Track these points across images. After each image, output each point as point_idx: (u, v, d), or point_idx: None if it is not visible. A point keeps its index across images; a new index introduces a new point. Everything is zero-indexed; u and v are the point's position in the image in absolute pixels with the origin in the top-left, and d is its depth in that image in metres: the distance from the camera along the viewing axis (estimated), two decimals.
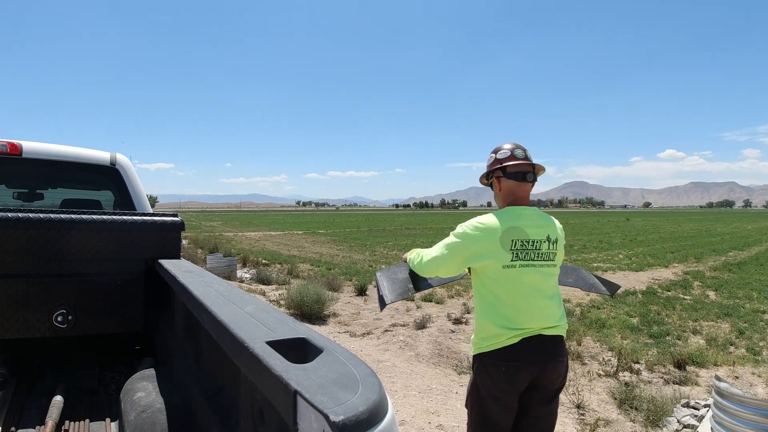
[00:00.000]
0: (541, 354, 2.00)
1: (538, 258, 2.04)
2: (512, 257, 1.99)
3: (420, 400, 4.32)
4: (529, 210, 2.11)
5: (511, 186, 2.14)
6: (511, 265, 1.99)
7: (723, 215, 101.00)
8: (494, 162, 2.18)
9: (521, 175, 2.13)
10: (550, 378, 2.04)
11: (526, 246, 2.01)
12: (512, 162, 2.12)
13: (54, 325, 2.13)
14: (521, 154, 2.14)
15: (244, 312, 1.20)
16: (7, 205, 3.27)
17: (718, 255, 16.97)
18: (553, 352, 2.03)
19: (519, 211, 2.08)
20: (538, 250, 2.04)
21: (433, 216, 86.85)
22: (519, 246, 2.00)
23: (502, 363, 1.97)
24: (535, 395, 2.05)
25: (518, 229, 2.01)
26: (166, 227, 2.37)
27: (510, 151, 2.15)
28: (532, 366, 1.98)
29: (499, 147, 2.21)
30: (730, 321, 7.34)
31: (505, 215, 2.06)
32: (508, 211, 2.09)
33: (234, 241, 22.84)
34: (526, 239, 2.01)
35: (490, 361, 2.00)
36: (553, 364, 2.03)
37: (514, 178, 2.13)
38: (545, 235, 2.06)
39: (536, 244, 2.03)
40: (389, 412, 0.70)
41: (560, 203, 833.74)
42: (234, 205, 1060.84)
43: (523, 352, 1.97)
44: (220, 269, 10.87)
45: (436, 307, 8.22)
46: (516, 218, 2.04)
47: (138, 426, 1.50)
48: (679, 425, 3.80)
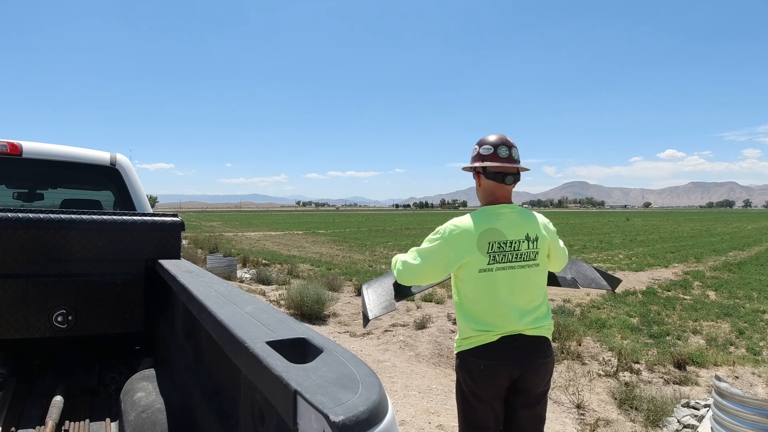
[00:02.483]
0: (523, 354, 1.94)
1: (516, 259, 1.96)
2: (489, 260, 1.93)
3: (420, 400, 4.32)
4: (508, 208, 2.03)
5: (491, 186, 2.06)
6: (487, 269, 1.93)
7: (723, 215, 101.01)
8: (476, 157, 2.08)
9: (501, 176, 2.03)
10: (533, 381, 1.97)
11: (504, 247, 1.94)
12: (493, 164, 2.02)
13: (54, 325, 2.13)
14: (505, 153, 2.02)
15: (244, 312, 1.20)
16: (7, 205, 3.27)
17: (718, 255, 16.97)
18: (534, 354, 1.96)
19: (496, 210, 2.01)
20: (517, 251, 1.97)
21: (433, 216, 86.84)
22: (496, 248, 1.93)
23: (480, 361, 1.94)
24: (519, 398, 2.00)
25: (495, 230, 1.94)
26: (166, 227, 2.36)
27: (493, 148, 2.03)
28: (511, 366, 1.93)
29: (483, 139, 2.08)
30: (730, 321, 7.34)
31: (482, 216, 1.99)
32: (485, 212, 2.02)
33: (234, 241, 22.84)
34: (503, 240, 1.94)
35: (470, 359, 1.97)
36: (535, 366, 1.96)
37: (494, 179, 2.04)
38: (524, 234, 1.99)
39: (515, 245, 1.96)
40: (389, 412, 0.70)
41: (560, 203, 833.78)
42: (234, 206, 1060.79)
43: (503, 351, 1.92)
44: (220, 269, 10.87)
45: (436, 307, 8.22)
46: (493, 219, 1.98)
47: (138, 426, 1.50)
48: (679, 425, 3.80)
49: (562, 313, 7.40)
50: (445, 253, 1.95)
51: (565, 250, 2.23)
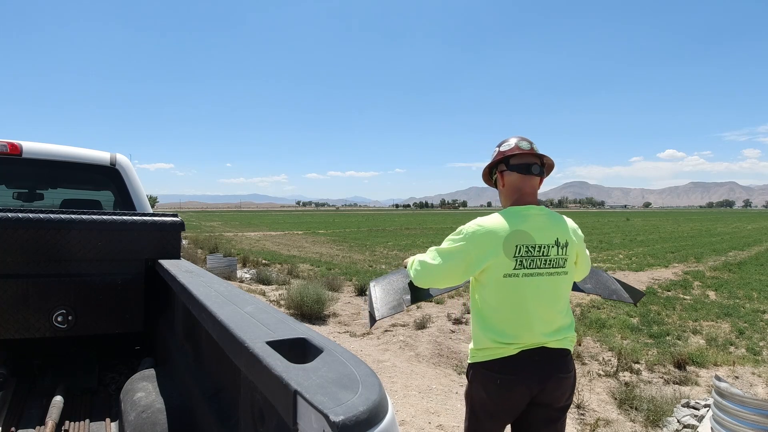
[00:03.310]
0: (543, 368, 1.80)
1: (545, 265, 1.82)
2: (515, 265, 1.78)
3: (420, 400, 4.32)
4: (536, 210, 1.88)
5: (515, 180, 1.93)
6: (513, 274, 1.78)
7: (723, 215, 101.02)
8: (497, 155, 2.00)
9: (525, 167, 1.91)
10: (553, 396, 1.83)
11: (532, 252, 1.80)
12: (516, 152, 1.92)
13: (54, 325, 2.13)
14: (526, 145, 1.94)
15: (243, 312, 1.20)
16: (7, 205, 3.27)
17: (718, 255, 16.97)
18: (557, 367, 1.83)
19: (525, 211, 1.87)
20: (546, 257, 1.82)
21: (433, 216, 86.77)
22: (524, 252, 1.79)
23: (497, 375, 1.79)
24: (538, 414, 1.86)
25: (523, 232, 1.80)
26: (166, 227, 2.37)
27: (514, 143, 1.95)
28: (532, 381, 1.79)
29: (503, 141, 2.02)
30: (730, 321, 7.34)
31: (509, 216, 1.84)
32: (513, 212, 1.87)
33: (234, 241, 22.84)
34: (532, 244, 1.80)
35: (485, 371, 1.82)
36: (556, 380, 1.82)
37: (518, 170, 1.92)
38: (554, 238, 1.84)
39: (544, 250, 1.81)
40: (389, 412, 0.70)
41: (560, 203, 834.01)
42: (234, 206, 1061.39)
43: (522, 366, 1.78)
44: (220, 269, 10.87)
45: (437, 307, 8.22)
46: (521, 220, 1.83)
47: (138, 426, 1.50)
48: (679, 425, 3.80)
49: None
50: (467, 254, 1.80)
51: (589, 258, 2.12)
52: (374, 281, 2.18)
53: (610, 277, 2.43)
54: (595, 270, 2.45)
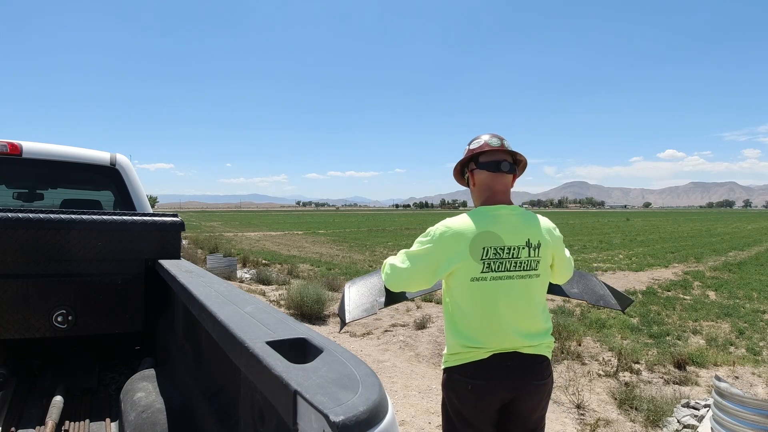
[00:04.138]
0: (516, 375, 1.74)
1: (515, 267, 1.74)
2: (482, 268, 1.71)
3: (420, 400, 4.32)
4: (508, 209, 1.81)
5: (486, 178, 1.86)
6: (480, 278, 1.72)
7: (723, 215, 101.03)
8: (467, 153, 1.93)
9: (495, 164, 1.84)
10: (527, 404, 1.78)
11: (501, 254, 1.73)
12: (485, 149, 1.85)
13: (54, 325, 2.13)
14: (496, 142, 1.86)
15: (243, 312, 1.20)
16: (7, 205, 3.27)
17: (718, 255, 16.97)
18: (530, 374, 1.76)
19: (494, 211, 1.79)
20: (516, 259, 1.74)
21: (433, 216, 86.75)
22: (492, 254, 1.72)
23: (469, 381, 1.74)
24: (513, 424, 1.81)
25: (492, 234, 1.73)
26: (166, 227, 2.37)
27: (484, 141, 1.88)
28: (502, 387, 1.73)
29: (474, 138, 1.95)
30: (730, 321, 7.34)
31: (477, 217, 1.77)
32: (482, 212, 1.80)
33: (234, 242, 22.84)
34: (500, 246, 1.73)
35: (457, 377, 1.77)
36: (530, 388, 1.76)
37: (488, 168, 1.85)
38: (525, 239, 1.76)
39: (513, 252, 1.74)
40: (389, 412, 0.70)
41: (560, 203, 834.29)
42: (234, 206, 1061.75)
43: (494, 371, 1.72)
44: (220, 269, 10.88)
45: (436, 307, 8.22)
46: (490, 220, 1.76)
47: (138, 426, 1.50)
48: (679, 425, 3.80)
49: (562, 313, 7.40)
50: (434, 257, 1.74)
51: (571, 260, 2.03)
52: (351, 282, 2.14)
53: (599, 281, 2.33)
54: (583, 273, 2.35)
